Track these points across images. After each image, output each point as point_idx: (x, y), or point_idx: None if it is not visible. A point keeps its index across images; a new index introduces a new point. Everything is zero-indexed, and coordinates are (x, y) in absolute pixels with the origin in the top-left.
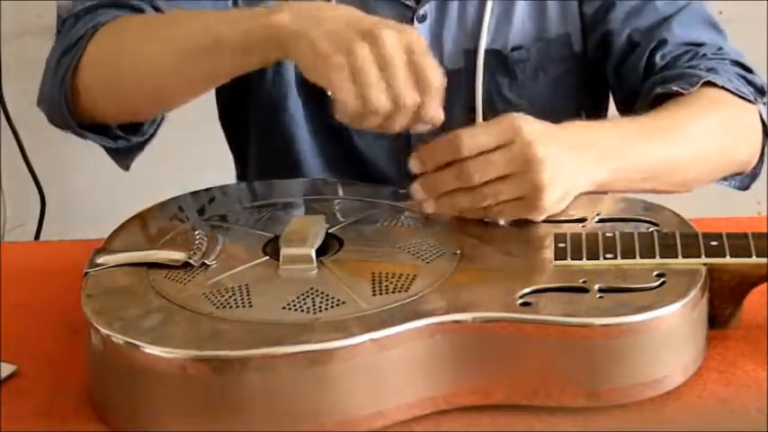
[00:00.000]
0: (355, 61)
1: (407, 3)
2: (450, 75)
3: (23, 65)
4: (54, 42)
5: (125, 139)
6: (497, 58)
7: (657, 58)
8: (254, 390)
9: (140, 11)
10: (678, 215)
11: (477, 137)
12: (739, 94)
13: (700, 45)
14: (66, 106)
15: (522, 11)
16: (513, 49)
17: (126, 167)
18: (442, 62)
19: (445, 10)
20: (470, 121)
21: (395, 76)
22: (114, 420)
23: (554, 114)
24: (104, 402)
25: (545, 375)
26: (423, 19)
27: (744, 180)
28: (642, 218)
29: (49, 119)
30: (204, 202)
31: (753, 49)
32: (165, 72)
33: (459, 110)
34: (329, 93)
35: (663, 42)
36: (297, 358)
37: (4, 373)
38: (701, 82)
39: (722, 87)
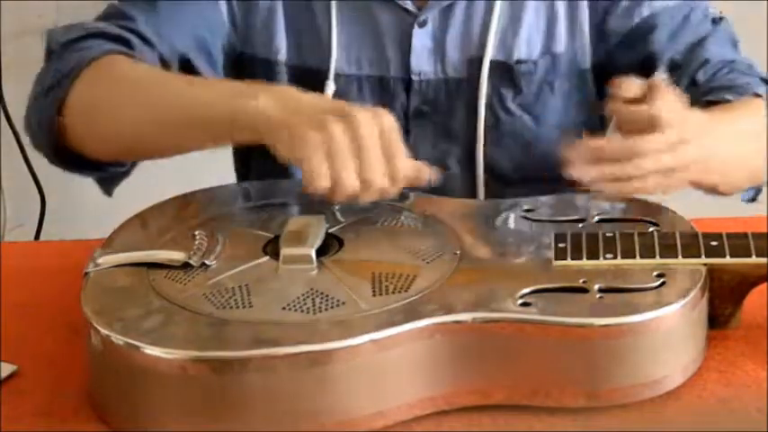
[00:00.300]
0: (330, 141)
1: (408, 8)
2: (453, 83)
3: (23, 65)
4: (43, 68)
5: (104, 170)
6: (502, 69)
7: (700, 75)
8: (255, 390)
9: (127, 42)
10: (678, 215)
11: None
12: None
13: (732, 62)
14: (52, 142)
15: (529, 24)
16: (519, 62)
17: (109, 194)
18: (444, 69)
19: (449, 16)
20: (471, 130)
21: (367, 162)
22: (114, 420)
23: (556, 129)
24: (104, 402)
25: (545, 375)
26: (423, 24)
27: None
28: (642, 218)
29: (35, 146)
30: (204, 202)
31: (753, 49)
32: (139, 135)
33: (461, 119)
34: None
35: (705, 62)
36: (297, 358)
37: (4, 373)
38: (751, 93)
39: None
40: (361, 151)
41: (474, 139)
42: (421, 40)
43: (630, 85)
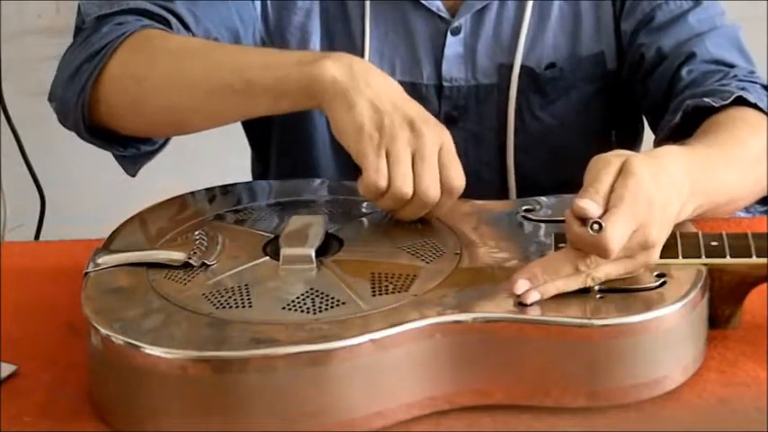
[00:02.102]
0: (395, 147)
1: (442, 15)
2: (483, 89)
3: (23, 65)
4: (73, 42)
5: (135, 147)
6: (530, 75)
7: (684, 72)
8: (255, 390)
9: (164, 20)
10: None
11: (619, 242)
12: None
13: (731, 66)
14: (82, 116)
15: (555, 27)
16: (547, 67)
17: (133, 174)
18: (474, 75)
19: (481, 23)
20: (501, 136)
21: (425, 172)
22: (114, 420)
23: (584, 132)
24: (104, 402)
25: (545, 375)
26: (457, 32)
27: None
28: None
29: (60, 120)
30: (204, 202)
31: (753, 49)
32: (190, 107)
33: (491, 125)
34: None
35: (691, 56)
36: (297, 358)
37: (4, 373)
38: (733, 97)
39: (754, 106)
40: (422, 163)
41: (504, 146)
42: (454, 46)
43: (586, 211)
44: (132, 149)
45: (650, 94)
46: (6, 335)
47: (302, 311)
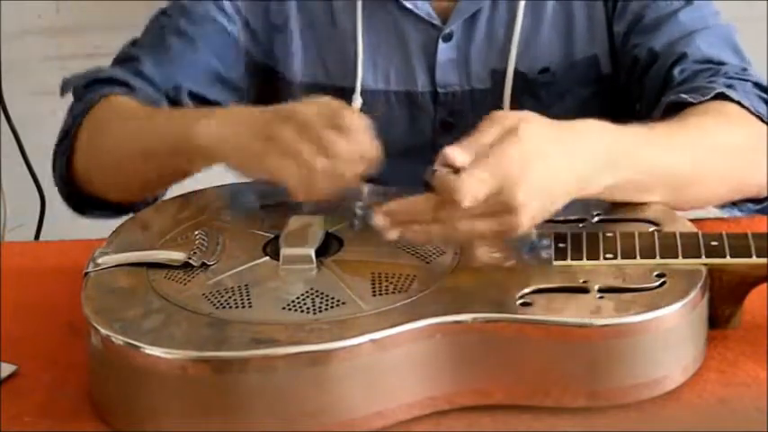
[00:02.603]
0: (281, 141)
1: (434, 22)
2: (478, 94)
3: (23, 65)
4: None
5: (122, 212)
6: (523, 80)
7: (676, 72)
8: (255, 390)
9: (127, 84)
10: (678, 215)
11: (473, 191)
12: (756, 113)
13: (721, 64)
14: (67, 188)
15: (548, 31)
16: (540, 72)
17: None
18: (469, 81)
19: (473, 28)
20: None
21: (316, 135)
22: (114, 420)
23: None
24: (104, 402)
25: (545, 375)
26: (448, 38)
27: (762, 208)
28: (643, 218)
29: (60, 195)
30: (204, 202)
31: (752, 49)
32: (127, 169)
33: None
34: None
35: (683, 56)
36: (297, 359)
37: (4, 373)
38: (713, 93)
39: (738, 103)
40: (309, 131)
41: None
42: (447, 52)
43: (451, 157)
44: (120, 214)
45: (645, 94)
46: (6, 335)
47: (302, 311)
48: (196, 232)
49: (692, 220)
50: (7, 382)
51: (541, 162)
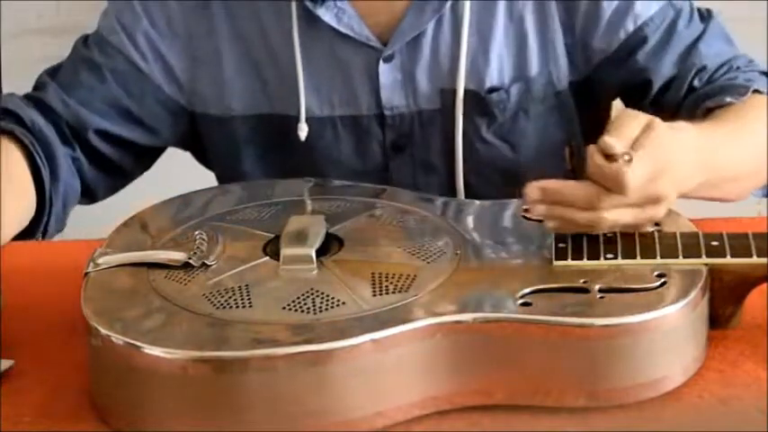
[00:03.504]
0: None
1: (373, 45)
2: (427, 115)
3: (23, 65)
4: None
5: None
6: (474, 98)
7: (696, 82)
8: (255, 390)
9: (19, 119)
10: (679, 215)
11: (637, 182)
12: None
13: (730, 60)
14: None
15: (499, 49)
16: (491, 91)
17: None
18: (416, 102)
19: (417, 48)
20: (450, 161)
21: None
22: (114, 420)
23: (537, 152)
24: (104, 402)
25: (545, 375)
26: (389, 59)
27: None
28: None
29: None
30: (204, 202)
31: (753, 49)
32: None
33: (438, 151)
34: None
35: (701, 69)
36: (297, 359)
37: (3, 368)
38: (751, 90)
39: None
40: None
41: (453, 171)
42: (389, 74)
43: (612, 145)
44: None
45: (664, 109)
46: (6, 335)
47: (302, 311)
48: (196, 232)
49: (692, 220)
50: (7, 382)
51: (674, 156)
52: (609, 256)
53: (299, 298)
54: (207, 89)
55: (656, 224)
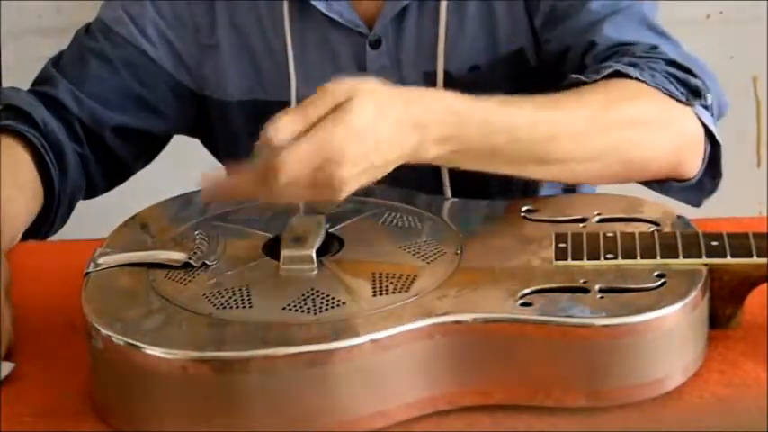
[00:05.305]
0: None
1: (360, 30)
2: None
3: (23, 65)
4: None
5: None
6: (454, 80)
7: (588, 60)
8: (255, 390)
9: (29, 117)
10: (679, 215)
11: (292, 171)
12: (665, 91)
13: (630, 45)
14: None
15: (473, 29)
16: (469, 70)
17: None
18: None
19: (401, 33)
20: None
21: None
22: (114, 420)
23: None
24: (104, 402)
25: (545, 375)
26: (376, 45)
27: (692, 194)
28: (643, 217)
29: None
30: (204, 202)
31: (753, 49)
32: None
33: None
34: None
35: (592, 45)
36: (297, 359)
37: (4, 372)
38: (609, 71)
39: (639, 80)
40: None
41: None
42: (377, 60)
43: (273, 135)
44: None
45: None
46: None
47: (302, 311)
48: (196, 232)
49: (692, 220)
50: (7, 382)
51: (368, 137)
52: (609, 256)
53: (298, 298)
54: (211, 76)
55: (657, 224)
